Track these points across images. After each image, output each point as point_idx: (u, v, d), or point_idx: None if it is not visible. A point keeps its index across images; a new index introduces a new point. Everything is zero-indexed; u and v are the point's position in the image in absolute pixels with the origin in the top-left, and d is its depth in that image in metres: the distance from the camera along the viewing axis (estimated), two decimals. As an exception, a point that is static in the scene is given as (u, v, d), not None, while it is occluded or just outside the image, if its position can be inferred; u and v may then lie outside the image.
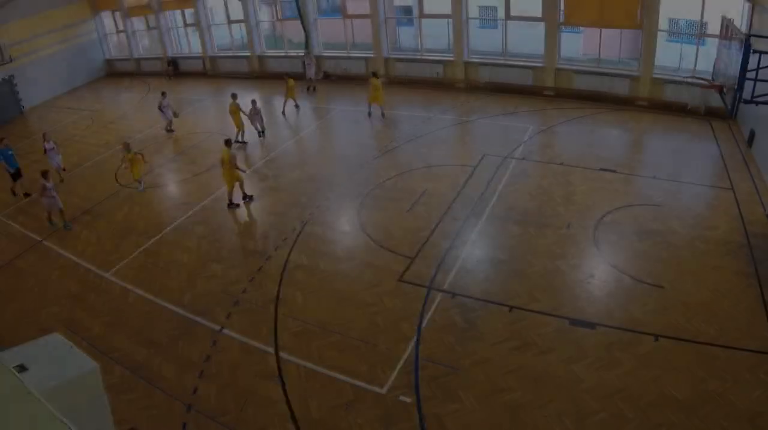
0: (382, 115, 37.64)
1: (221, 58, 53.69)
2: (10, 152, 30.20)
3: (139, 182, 29.62)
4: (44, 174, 25.77)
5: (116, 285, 21.95)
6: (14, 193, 30.65)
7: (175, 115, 36.73)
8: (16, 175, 30.44)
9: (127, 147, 29.34)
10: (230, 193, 26.92)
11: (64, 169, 32.24)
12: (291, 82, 39.84)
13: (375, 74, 37.66)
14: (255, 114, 33.52)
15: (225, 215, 26.26)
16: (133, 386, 16.76)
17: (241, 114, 34.15)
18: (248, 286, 20.99)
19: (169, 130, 37.98)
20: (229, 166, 26.26)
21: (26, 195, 30.55)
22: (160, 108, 37.38)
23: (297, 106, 40.67)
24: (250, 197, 27.36)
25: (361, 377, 16.37)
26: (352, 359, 17.08)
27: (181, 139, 36.88)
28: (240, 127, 34.36)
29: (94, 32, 57.51)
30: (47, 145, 31.28)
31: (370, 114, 38.02)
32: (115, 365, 17.60)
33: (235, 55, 53.18)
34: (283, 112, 39.68)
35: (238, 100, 34.16)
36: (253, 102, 33.64)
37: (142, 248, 24.20)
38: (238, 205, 26.96)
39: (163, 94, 37.71)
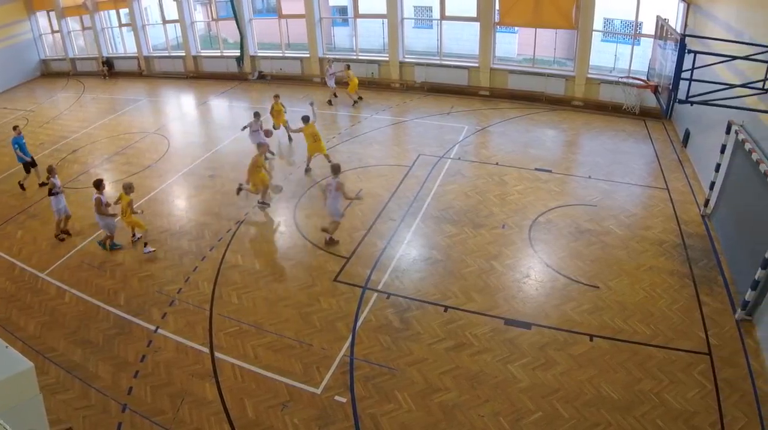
0: (354, 103, 39.44)
1: (156, 58, 52.95)
2: (23, 141, 29.43)
3: (139, 239, 23.93)
4: (98, 185, 22.43)
5: (52, 285, 21.50)
6: (23, 187, 29.75)
7: (268, 134, 30.89)
8: (30, 165, 29.65)
9: (128, 189, 22.63)
10: (309, 159, 28.58)
11: (66, 233, 25.16)
12: (279, 105, 33.93)
13: (348, 66, 39.17)
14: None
15: (160, 216, 25.82)
16: (68, 386, 16.48)
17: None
18: (184, 286, 20.74)
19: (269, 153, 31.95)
20: (313, 138, 27.58)
21: (42, 184, 29.48)
22: (251, 128, 31.36)
23: (290, 137, 34.44)
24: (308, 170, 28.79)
25: (297, 377, 16.29)
26: (287, 359, 16.97)
27: (117, 140, 36.09)
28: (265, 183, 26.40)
29: (29, 32, 56.18)
30: (56, 181, 24.67)
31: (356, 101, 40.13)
32: (50, 365, 17.32)
33: (170, 55, 52.55)
34: (289, 138, 34.58)
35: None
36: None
37: (77, 248, 23.77)
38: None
39: (256, 115, 31.48)
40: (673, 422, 14.11)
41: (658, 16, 24.19)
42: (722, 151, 21.29)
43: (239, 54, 48.43)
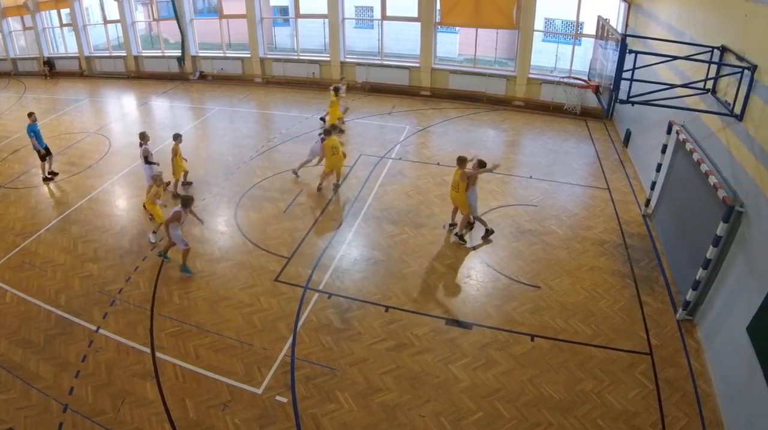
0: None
1: (97, 58, 52.20)
2: (38, 128, 28.71)
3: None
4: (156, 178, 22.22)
5: (-7, 285, 21.15)
6: (49, 177, 29.27)
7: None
8: (44, 155, 28.99)
9: (158, 179, 23.09)
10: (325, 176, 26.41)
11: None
12: (179, 160, 26.86)
13: (336, 89, 33.10)
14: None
15: (101, 216, 25.40)
16: (9, 387, 16.17)
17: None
18: (125, 286, 20.38)
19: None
20: (332, 151, 25.72)
21: (53, 174, 29.42)
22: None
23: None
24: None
25: (238, 377, 16.14)
26: (228, 359, 16.81)
27: (58, 140, 35.43)
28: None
29: (-30, 33, 55.56)
30: (148, 151, 25.46)
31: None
32: (-8, 365, 17.00)
33: (111, 55, 51.79)
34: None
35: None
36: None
37: (18, 248, 23.23)
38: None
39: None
40: (614, 423, 14.15)
41: (599, 17, 24.32)
42: (663, 151, 21.45)
43: (180, 54, 48.03)
